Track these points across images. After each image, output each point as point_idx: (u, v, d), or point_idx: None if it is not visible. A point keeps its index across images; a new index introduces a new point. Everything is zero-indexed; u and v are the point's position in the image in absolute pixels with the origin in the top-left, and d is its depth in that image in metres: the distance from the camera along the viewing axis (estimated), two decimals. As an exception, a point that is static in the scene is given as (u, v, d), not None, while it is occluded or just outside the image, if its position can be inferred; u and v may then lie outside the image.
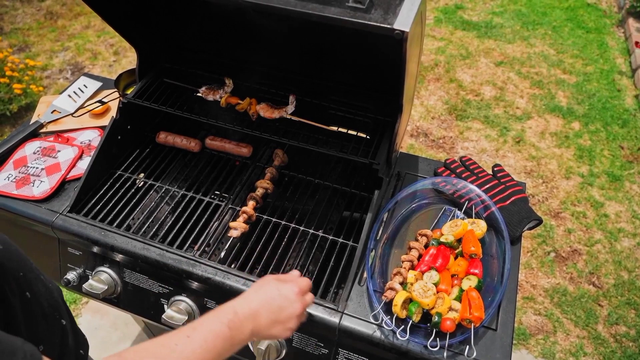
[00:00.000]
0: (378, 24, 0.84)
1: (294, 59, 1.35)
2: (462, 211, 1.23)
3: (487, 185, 1.29)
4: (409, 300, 1.02)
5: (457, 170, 1.34)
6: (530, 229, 1.23)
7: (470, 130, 3.22)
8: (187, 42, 1.43)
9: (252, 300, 0.84)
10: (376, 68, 1.18)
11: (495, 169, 1.35)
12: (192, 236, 1.24)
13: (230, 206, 1.31)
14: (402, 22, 0.84)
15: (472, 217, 1.20)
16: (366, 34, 0.89)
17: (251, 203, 1.25)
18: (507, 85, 3.56)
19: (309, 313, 1.05)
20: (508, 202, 1.24)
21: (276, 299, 0.86)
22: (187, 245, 1.23)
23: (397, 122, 1.19)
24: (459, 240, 1.15)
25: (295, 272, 0.99)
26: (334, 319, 1.05)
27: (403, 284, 1.06)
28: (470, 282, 1.04)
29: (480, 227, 1.15)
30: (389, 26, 0.84)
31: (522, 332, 2.24)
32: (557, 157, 3.03)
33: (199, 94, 1.39)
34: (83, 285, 1.21)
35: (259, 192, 1.28)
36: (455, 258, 1.12)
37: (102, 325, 2.25)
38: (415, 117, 3.33)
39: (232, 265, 1.18)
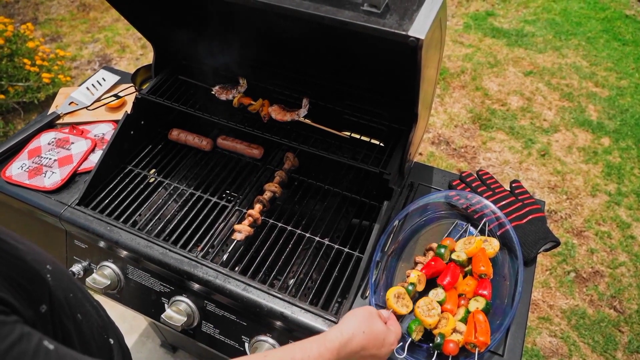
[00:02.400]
0: (392, 30, 0.81)
1: (310, 62, 1.32)
2: (477, 228, 1.18)
3: (504, 202, 1.23)
4: (412, 303, 0.98)
5: (473, 184, 1.29)
6: (546, 250, 1.17)
7: (493, 141, 3.13)
8: (204, 39, 1.42)
9: (358, 342, 0.85)
10: (392, 74, 1.14)
11: (513, 184, 1.29)
12: (197, 236, 1.23)
13: (237, 208, 1.29)
14: (418, 29, 0.80)
15: (485, 235, 1.15)
16: (381, 40, 0.85)
17: (258, 206, 1.23)
18: (535, 96, 3.45)
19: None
20: (524, 220, 1.19)
21: (378, 345, 0.88)
22: (191, 245, 1.21)
23: (411, 131, 1.15)
24: (470, 258, 1.10)
25: (388, 312, 0.98)
26: (333, 331, 1.01)
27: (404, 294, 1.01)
28: (477, 304, 0.99)
29: (492, 245, 1.10)
30: (403, 33, 0.80)
31: (535, 354, 2.16)
32: (583, 173, 2.92)
33: (212, 93, 1.38)
34: (86, 279, 1.21)
35: (267, 195, 1.26)
36: (464, 276, 1.07)
37: (111, 316, 2.26)
38: (437, 124, 3.26)
39: (236, 269, 1.16)
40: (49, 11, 4.59)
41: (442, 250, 1.07)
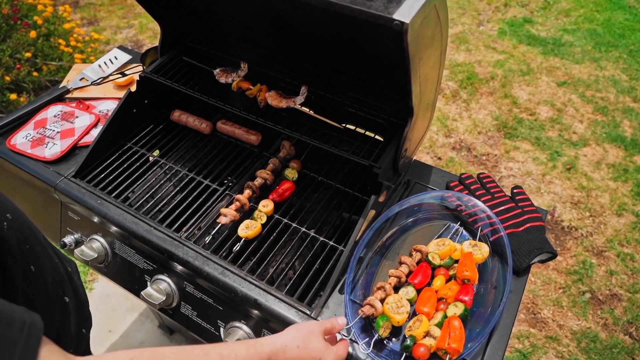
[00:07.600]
0: (377, 13, 0.77)
1: (313, 50, 1.29)
2: (470, 232, 1.13)
3: (501, 207, 1.17)
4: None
5: (472, 187, 1.24)
6: (542, 261, 1.10)
7: (517, 151, 3.02)
8: (209, 21, 1.41)
9: (290, 355, 0.81)
10: (392, 66, 1.10)
11: (514, 190, 1.23)
12: (184, 217, 1.22)
13: (227, 192, 1.28)
14: (404, 12, 0.77)
15: (475, 239, 1.09)
16: (369, 24, 0.82)
17: (247, 192, 1.21)
18: (566, 107, 3.31)
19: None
20: (521, 228, 1.12)
21: None
22: (178, 225, 1.21)
23: (407, 125, 1.11)
24: (456, 261, 1.05)
25: (342, 321, 0.93)
26: (304, 324, 0.98)
27: (383, 300, 0.97)
28: (455, 310, 0.94)
29: (481, 251, 1.04)
30: (388, 16, 0.77)
31: (539, 374, 2.06)
32: (610, 191, 2.77)
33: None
34: (75, 250, 1.23)
35: (258, 181, 1.24)
36: (448, 280, 1.02)
37: (115, 293, 2.31)
38: (460, 129, 3.17)
39: (223, 254, 1.14)
40: (90, -4, 4.74)
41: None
